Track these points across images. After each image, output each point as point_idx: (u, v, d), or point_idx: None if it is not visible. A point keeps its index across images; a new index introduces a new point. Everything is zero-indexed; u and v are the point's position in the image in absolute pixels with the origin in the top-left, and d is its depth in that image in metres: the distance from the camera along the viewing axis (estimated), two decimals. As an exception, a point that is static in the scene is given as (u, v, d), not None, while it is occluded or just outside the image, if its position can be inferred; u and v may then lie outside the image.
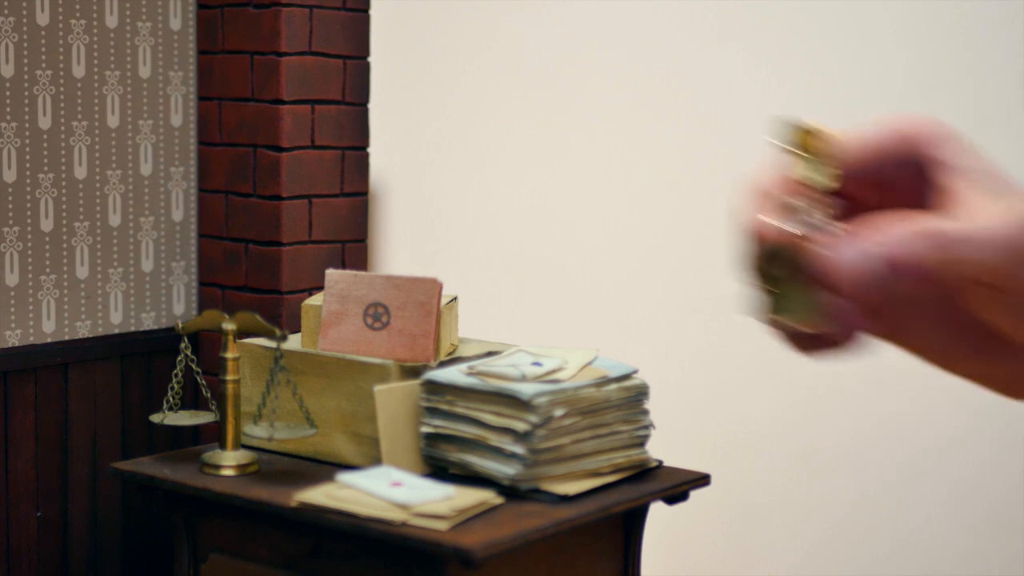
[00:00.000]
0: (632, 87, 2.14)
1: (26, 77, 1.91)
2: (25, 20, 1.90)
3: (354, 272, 1.74)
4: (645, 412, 1.72)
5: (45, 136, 1.92)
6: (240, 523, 1.67)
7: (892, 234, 0.56)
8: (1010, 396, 0.59)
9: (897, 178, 0.62)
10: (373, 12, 2.31)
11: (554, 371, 1.65)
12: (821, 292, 0.61)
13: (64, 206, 1.97)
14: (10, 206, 1.90)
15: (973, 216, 0.57)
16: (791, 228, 0.58)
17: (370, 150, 2.28)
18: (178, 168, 2.11)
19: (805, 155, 0.58)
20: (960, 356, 0.61)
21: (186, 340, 1.76)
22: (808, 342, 0.63)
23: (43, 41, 1.92)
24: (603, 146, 2.17)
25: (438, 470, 1.68)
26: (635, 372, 1.72)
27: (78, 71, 1.96)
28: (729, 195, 2.04)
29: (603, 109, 2.16)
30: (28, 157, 1.92)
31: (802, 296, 0.64)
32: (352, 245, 2.20)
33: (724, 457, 2.04)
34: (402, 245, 2.35)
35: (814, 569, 2.01)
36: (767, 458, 2.03)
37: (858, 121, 1.94)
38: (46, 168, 1.93)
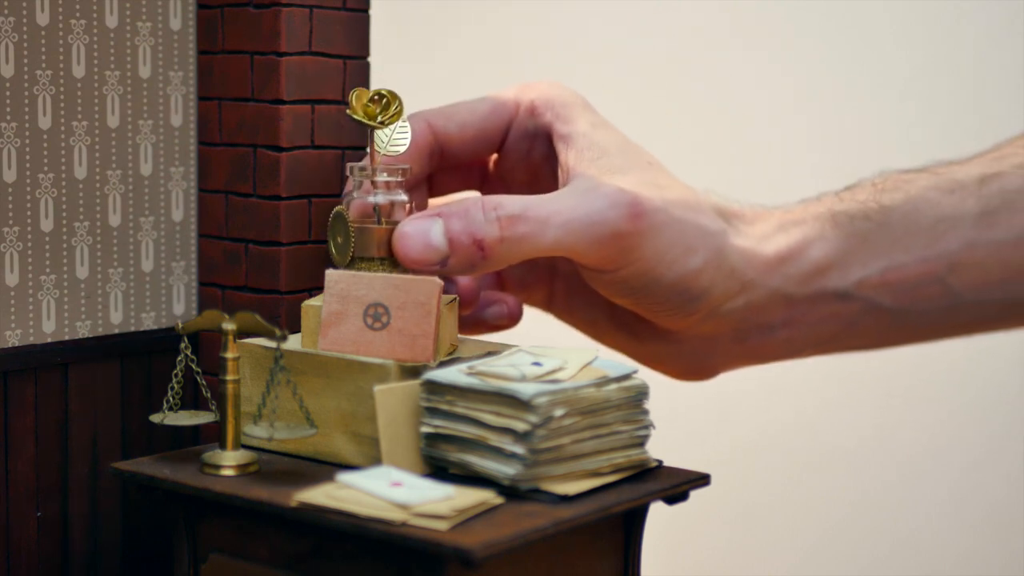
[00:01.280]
0: (636, 87, 2.14)
1: (26, 77, 1.91)
2: (25, 20, 1.90)
3: (354, 272, 1.73)
4: (645, 412, 1.71)
5: (45, 136, 1.93)
6: (240, 523, 1.66)
7: (449, 208, 0.52)
8: (664, 373, 0.57)
9: (531, 150, 0.57)
10: (373, 12, 2.30)
11: (554, 371, 1.65)
12: (393, 264, 0.58)
13: (64, 206, 1.97)
14: (10, 206, 1.91)
15: (561, 195, 0.52)
16: (360, 201, 0.55)
17: (370, 150, 2.28)
18: (178, 168, 2.11)
19: (373, 124, 0.55)
20: (613, 333, 0.58)
21: (186, 340, 1.76)
22: (466, 320, 0.61)
23: (43, 41, 1.92)
24: (603, 146, 2.17)
25: (438, 470, 1.67)
26: (635, 372, 1.72)
27: (78, 71, 1.97)
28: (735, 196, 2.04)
29: (606, 110, 2.16)
30: (28, 157, 1.92)
31: (375, 268, 0.62)
32: (352, 245, 2.20)
33: (724, 457, 2.04)
34: (402, 245, 2.34)
35: (814, 569, 2.01)
36: (767, 458, 2.03)
37: (856, 122, 1.94)
38: (46, 168, 1.93)
